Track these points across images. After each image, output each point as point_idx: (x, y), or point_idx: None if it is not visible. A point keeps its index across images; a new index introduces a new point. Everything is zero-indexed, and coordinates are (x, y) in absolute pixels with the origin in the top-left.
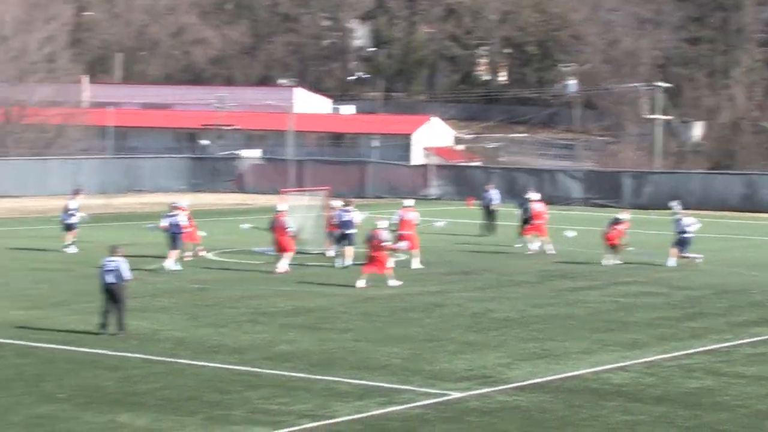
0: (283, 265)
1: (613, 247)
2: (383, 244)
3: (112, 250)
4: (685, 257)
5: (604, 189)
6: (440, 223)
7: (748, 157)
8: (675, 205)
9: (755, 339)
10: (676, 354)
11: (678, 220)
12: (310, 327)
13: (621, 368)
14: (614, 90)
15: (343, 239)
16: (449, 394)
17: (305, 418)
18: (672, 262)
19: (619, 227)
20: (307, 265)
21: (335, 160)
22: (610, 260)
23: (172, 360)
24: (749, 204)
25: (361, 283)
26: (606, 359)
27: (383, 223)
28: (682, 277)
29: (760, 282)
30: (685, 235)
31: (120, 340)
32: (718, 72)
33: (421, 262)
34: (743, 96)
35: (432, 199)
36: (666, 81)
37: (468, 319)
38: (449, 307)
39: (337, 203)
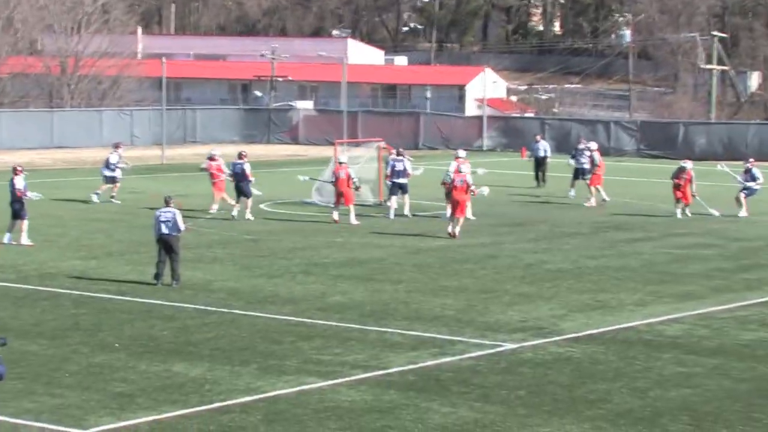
0: (353, 217)
1: (684, 198)
2: (470, 187)
3: (167, 201)
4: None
5: (658, 140)
6: (482, 171)
7: None
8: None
9: None
10: (730, 306)
11: (749, 171)
12: (363, 278)
13: (675, 320)
14: (670, 40)
15: (395, 189)
16: (502, 346)
17: (358, 369)
18: (743, 212)
19: (685, 176)
20: (362, 216)
21: (388, 112)
22: (678, 211)
23: (226, 310)
24: None
25: (451, 229)
26: (660, 311)
27: (466, 167)
28: (737, 228)
29: None
30: (752, 187)
31: (174, 291)
32: None
33: (473, 214)
34: None
35: (485, 150)
36: (722, 31)
37: (521, 270)
38: (502, 259)
39: (390, 153)
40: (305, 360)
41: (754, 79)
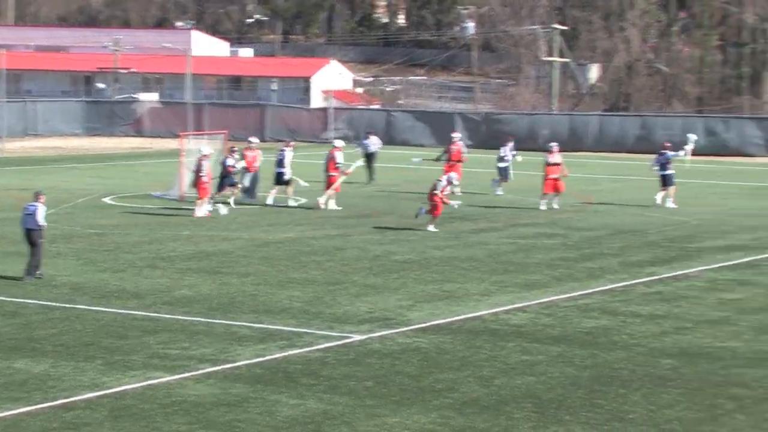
0: (199, 210)
1: (555, 191)
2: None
3: (36, 196)
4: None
5: (501, 131)
6: (417, 159)
7: (642, 98)
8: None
9: (650, 279)
10: (573, 294)
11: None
12: (210, 271)
13: (519, 309)
14: (512, 32)
15: (278, 178)
16: (350, 337)
17: (205, 363)
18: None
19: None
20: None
21: (234, 104)
22: (546, 204)
23: (70, 306)
24: (644, 145)
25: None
26: (505, 300)
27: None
28: (581, 218)
29: (655, 222)
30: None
31: (17, 286)
32: (614, 14)
33: (325, 205)
34: (638, 38)
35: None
36: (563, 23)
37: (369, 262)
38: (350, 251)
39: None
40: (152, 355)
41: (594, 71)
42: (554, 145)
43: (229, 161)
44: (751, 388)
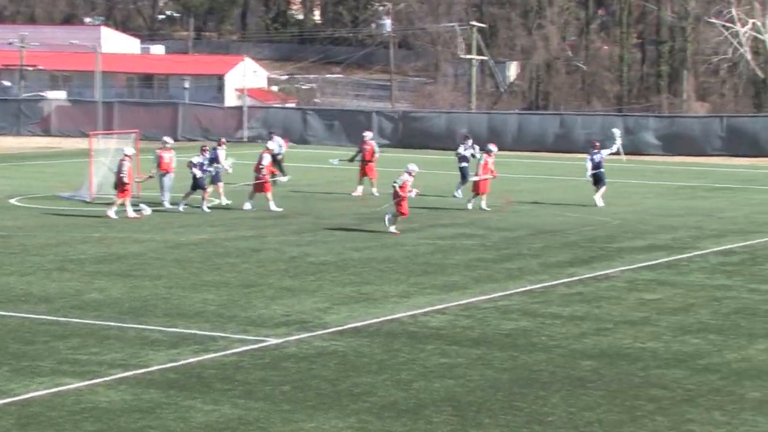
0: (112, 211)
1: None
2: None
3: None
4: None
5: (418, 130)
6: (335, 161)
7: (562, 97)
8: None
9: (570, 279)
10: (492, 296)
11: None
12: (121, 274)
13: (438, 311)
14: (429, 30)
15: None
16: (266, 341)
17: (116, 368)
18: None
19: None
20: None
21: (145, 102)
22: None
23: None
24: (564, 144)
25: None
26: (423, 302)
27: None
28: (501, 219)
29: (575, 222)
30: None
31: None
32: (532, 11)
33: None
34: (557, 36)
35: (246, 141)
36: (481, 21)
37: (285, 263)
38: (265, 252)
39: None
40: (61, 360)
41: (513, 69)
42: (493, 146)
43: (196, 159)
44: (670, 389)
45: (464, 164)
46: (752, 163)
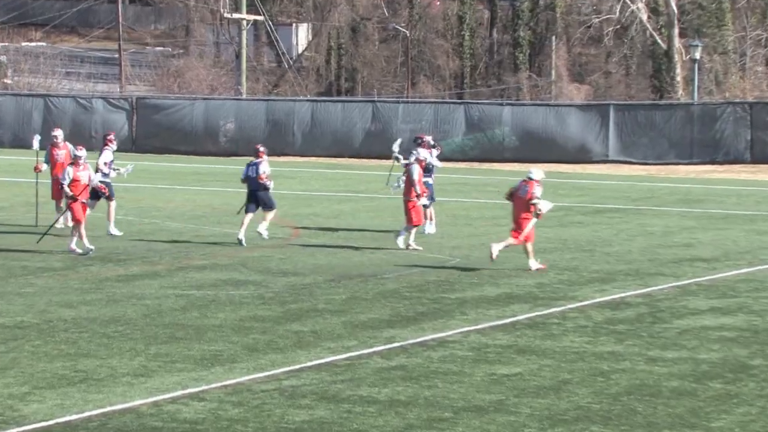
0: None
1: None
2: None
3: None
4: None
5: (159, 125)
6: (127, 169)
7: (375, 77)
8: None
9: (389, 346)
10: (275, 372)
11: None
12: None
13: (194, 395)
14: None
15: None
16: None
17: None
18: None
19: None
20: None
21: None
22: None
23: None
24: (377, 146)
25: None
26: (171, 383)
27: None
28: (285, 257)
29: (394, 261)
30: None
31: None
32: None
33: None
34: None
35: None
36: None
37: None
38: None
39: None
40: None
41: (302, 35)
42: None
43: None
44: None
45: (426, 178)
46: (650, 173)
